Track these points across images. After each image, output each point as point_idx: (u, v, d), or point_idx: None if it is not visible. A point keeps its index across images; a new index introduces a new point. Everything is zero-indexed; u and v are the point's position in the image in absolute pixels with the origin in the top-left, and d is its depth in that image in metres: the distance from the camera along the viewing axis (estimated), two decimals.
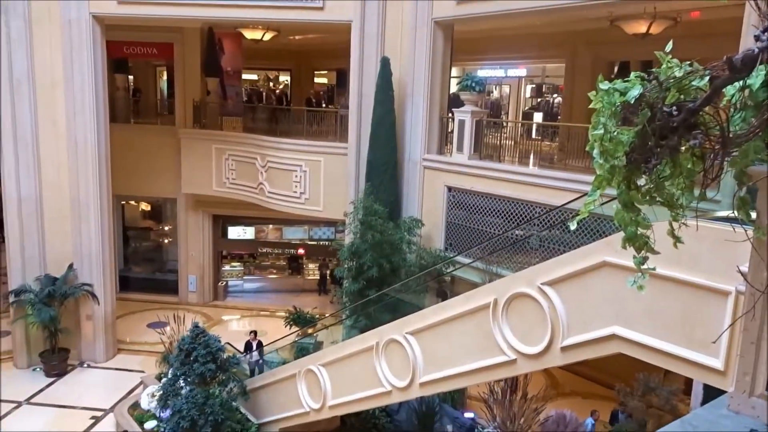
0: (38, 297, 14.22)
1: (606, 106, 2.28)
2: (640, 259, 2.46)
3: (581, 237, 10.07)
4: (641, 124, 2.22)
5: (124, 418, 12.28)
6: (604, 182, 2.39)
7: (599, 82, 2.32)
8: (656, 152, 2.24)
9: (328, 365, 9.81)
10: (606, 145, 2.30)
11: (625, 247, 2.46)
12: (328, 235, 21.00)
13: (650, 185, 2.36)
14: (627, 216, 2.39)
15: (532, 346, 6.57)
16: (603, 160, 2.34)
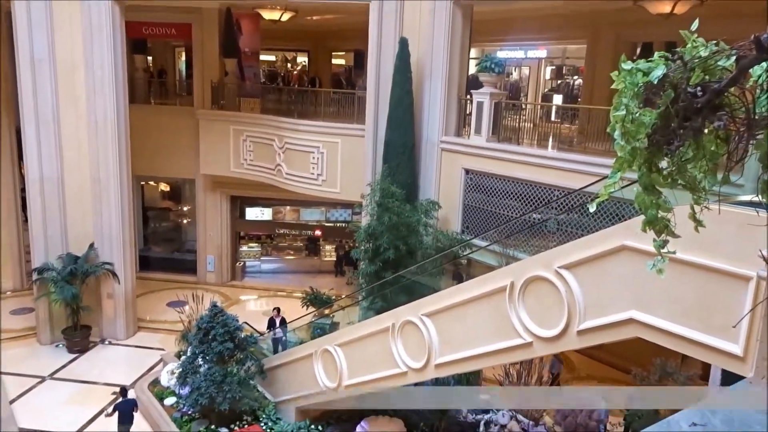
0: (60, 275, 14.48)
1: (628, 87, 2.24)
2: (660, 242, 2.44)
3: (599, 221, 9.99)
4: (664, 105, 2.18)
5: (144, 394, 12.53)
6: (625, 164, 2.36)
7: (622, 62, 2.28)
8: (679, 134, 2.20)
9: (344, 345, 9.90)
10: (628, 126, 2.26)
11: (645, 230, 2.44)
12: (345, 216, 21.05)
13: (672, 168, 2.32)
14: (648, 199, 2.36)
15: (549, 329, 6.56)
16: (624, 142, 2.30)
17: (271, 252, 22.52)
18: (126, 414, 10.91)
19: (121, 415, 10.87)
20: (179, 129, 18.87)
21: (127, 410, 10.95)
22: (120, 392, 11.43)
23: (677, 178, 2.34)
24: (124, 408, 10.96)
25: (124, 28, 14.86)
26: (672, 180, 2.34)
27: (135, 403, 11.29)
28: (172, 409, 11.80)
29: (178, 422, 11.38)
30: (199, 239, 20.42)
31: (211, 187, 19.76)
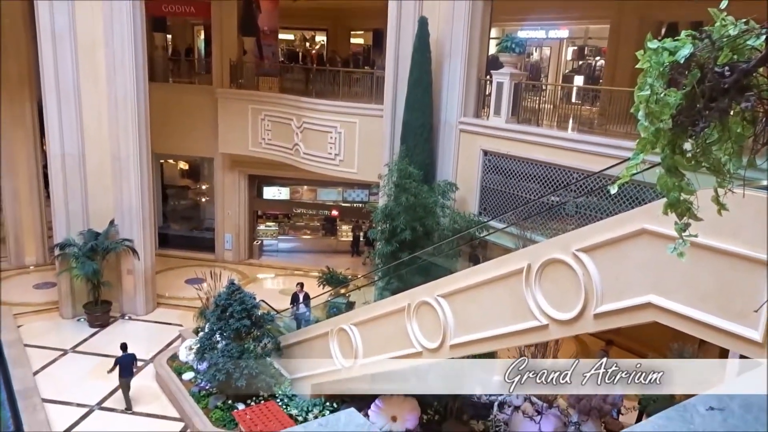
0: (81, 251, 14.72)
1: (654, 66, 2.20)
2: (681, 225, 2.41)
3: (618, 204, 9.89)
4: (690, 85, 2.14)
5: (163, 368, 12.76)
6: (648, 146, 2.32)
7: (648, 41, 2.23)
8: (705, 115, 2.16)
9: (360, 325, 9.96)
10: (652, 106, 2.22)
11: (667, 213, 2.41)
12: (362, 197, 21.07)
13: (696, 150, 2.29)
14: (670, 181, 2.33)
15: (565, 312, 6.54)
16: (648, 123, 2.27)
17: (288, 231, 22.66)
18: (126, 367, 11.64)
19: (121, 369, 11.61)
20: (198, 107, 18.95)
21: (126, 363, 11.65)
22: (121, 347, 12.02)
23: (701, 160, 2.30)
24: (124, 361, 11.65)
25: (144, 5, 14.87)
26: (696, 162, 2.31)
27: (134, 357, 11.91)
28: (190, 384, 12.01)
29: (195, 397, 11.59)
30: (217, 217, 20.60)
31: (229, 166, 19.87)
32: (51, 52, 14.26)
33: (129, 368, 11.75)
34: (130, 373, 11.77)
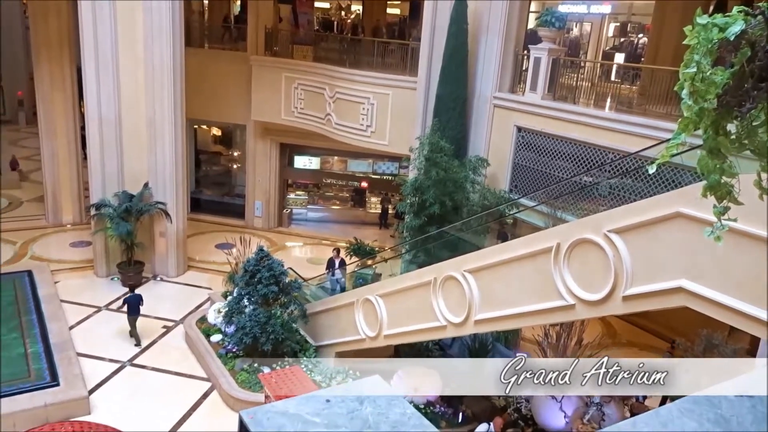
0: (116, 212, 15.05)
1: (702, 43, 2.13)
2: (720, 209, 2.35)
3: (653, 187, 9.69)
4: (739, 63, 2.07)
5: (192, 330, 13.09)
6: (691, 126, 2.26)
7: (697, 16, 2.15)
8: (753, 95, 2.09)
9: (385, 296, 10.05)
10: (697, 85, 2.16)
11: (706, 195, 2.35)
12: (392, 169, 21.02)
13: (741, 132, 2.21)
14: (712, 163, 2.27)
15: (593, 293, 6.49)
16: (692, 102, 2.20)
17: (318, 201, 22.79)
18: (133, 306, 12.71)
19: (129, 307, 12.69)
20: (232, 74, 19.02)
21: (134, 302, 12.72)
22: (129, 287, 13.44)
23: (745, 142, 2.23)
24: (132, 300, 12.73)
25: None
26: (740, 144, 2.24)
27: (140, 297, 12.95)
28: (217, 346, 12.31)
29: (223, 358, 11.88)
30: (248, 185, 20.81)
31: (261, 134, 19.98)
32: (90, 17, 14.41)
33: (136, 307, 12.73)
34: (137, 312, 12.76)
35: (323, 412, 1.94)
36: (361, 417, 1.94)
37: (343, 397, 2.03)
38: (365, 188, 22.38)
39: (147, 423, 10.13)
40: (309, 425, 1.87)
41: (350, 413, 1.95)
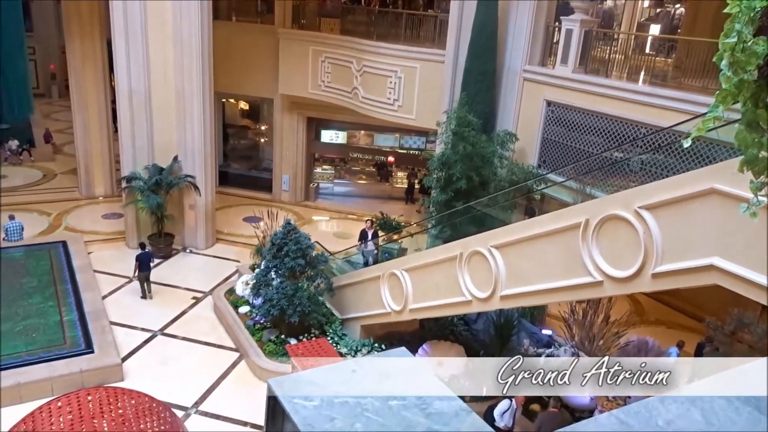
0: (147, 184, 15.30)
1: (743, 11, 2.05)
2: (757, 184, 2.29)
3: (686, 162, 9.49)
4: None
5: (221, 301, 13.33)
6: (729, 98, 2.19)
7: None
8: None
9: (411, 271, 10.07)
10: (737, 55, 2.08)
11: (743, 170, 2.29)
12: (419, 144, 20.92)
13: None
14: (750, 137, 2.20)
15: (622, 269, 6.41)
16: (731, 73, 2.13)
17: (344, 175, 22.84)
18: (144, 263, 13.64)
19: (140, 264, 13.56)
20: (260, 47, 19.00)
21: (145, 259, 13.67)
22: (139, 245, 14.21)
23: None
24: (143, 258, 13.64)
25: None
26: None
27: (151, 254, 14.21)
28: (245, 317, 12.53)
29: (250, 329, 12.10)
30: (275, 158, 20.93)
31: (288, 108, 20.00)
32: None
33: (147, 264, 13.70)
34: (147, 268, 13.73)
35: (350, 382, 1.96)
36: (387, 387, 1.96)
37: (369, 368, 2.05)
38: (391, 163, 22.34)
39: (177, 390, 10.41)
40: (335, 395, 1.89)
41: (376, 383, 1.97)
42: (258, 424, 9.65)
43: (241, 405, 10.21)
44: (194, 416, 9.99)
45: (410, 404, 1.92)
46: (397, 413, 1.87)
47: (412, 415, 1.87)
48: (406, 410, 1.89)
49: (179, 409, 9.87)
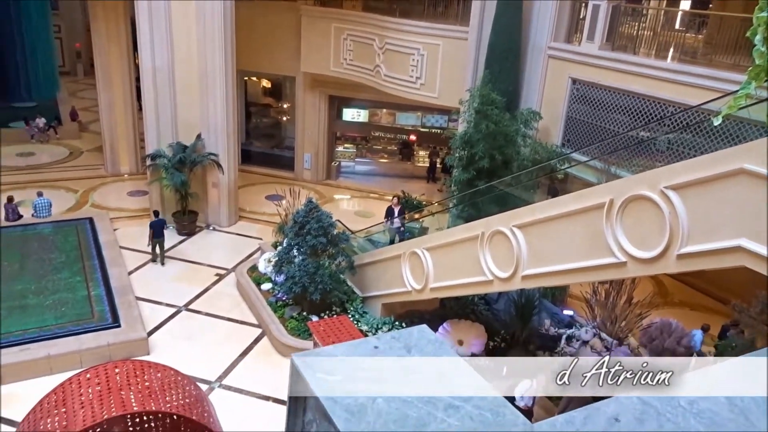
0: (171, 162, 15.46)
1: None
2: None
3: (715, 142, 9.29)
4: None
5: (243, 278, 13.50)
6: (762, 74, 2.13)
7: None
8: None
9: (432, 250, 10.07)
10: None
11: None
12: (441, 122, 20.76)
13: None
14: None
15: (646, 250, 6.33)
16: (765, 48, 2.07)
17: (366, 154, 22.81)
18: (158, 229, 14.39)
19: (154, 231, 14.32)
20: (282, 25, 18.93)
21: (158, 226, 14.42)
22: (153, 213, 15.11)
23: None
24: (157, 225, 14.42)
25: None
26: None
27: (164, 221, 15.00)
28: (268, 294, 12.68)
29: (272, 306, 12.25)
30: (297, 137, 20.96)
31: (310, 86, 19.96)
32: None
33: (160, 231, 14.45)
34: (161, 235, 14.46)
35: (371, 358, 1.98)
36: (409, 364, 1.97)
37: (391, 344, 2.07)
38: (413, 141, 22.23)
39: (201, 365, 10.62)
40: (357, 370, 1.92)
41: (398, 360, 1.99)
42: (280, 399, 9.82)
43: (264, 380, 10.39)
44: (218, 390, 10.20)
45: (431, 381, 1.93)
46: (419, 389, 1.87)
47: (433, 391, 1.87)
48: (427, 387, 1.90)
49: (203, 383, 10.07)
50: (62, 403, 4.85)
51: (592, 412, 1.81)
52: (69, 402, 4.83)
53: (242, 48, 16.51)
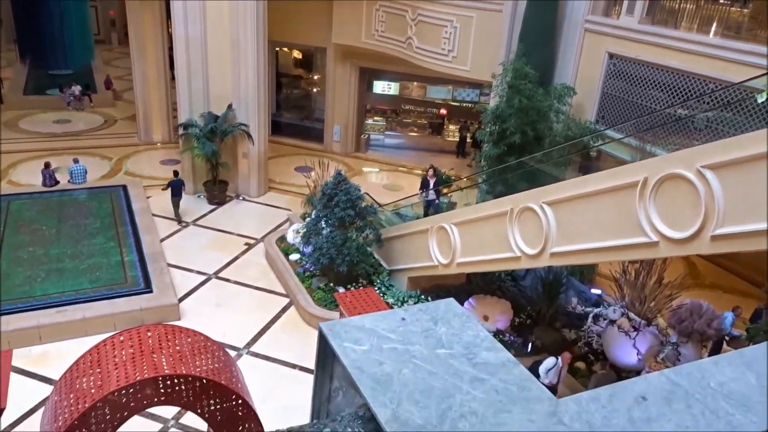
0: (202, 132, 15.61)
1: None
2: None
3: (756, 121, 8.99)
4: None
5: (272, 248, 13.67)
6: None
7: None
8: None
9: (460, 225, 10.04)
10: None
11: None
12: (472, 97, 20.50)
13: None
14: None
15: (679, 230, 6.21)
16: None
17: (395, 127, 22.68)
18: (176, 188, 14.91)
19: (172, 190, 14.83)
20: None
21: (176, 186, 14.92)
22: (173, 173, 15.38)
23: None
24: (175, 184, 14.91)
25: None
26: None
27: (183, 181, 15.36)
28: (295, 264, 12.83)
29: (300, 276, 12.40)
30: (327, 109, 20.93)
31: (341, 57, 19.84)
32: None
33: (178, 190, 14.96)
34: (179, 194, 15.01)
35: (398, 329, 1.99)
36: (435, 336, 1.98)
37: (417, 317, 2.07)
38: (444, 115, 22.02)
39: (230, 331, 10.85)
40: (384, 340, 1.93)
41: (424, 332, 2.00)
42: (306, 367, 10.01)
43: (291, 348, 10.58)
44: (245, 356, 10.42)
45: (457, 353, 1.94)
46: (444, 361, 1.89)
47: (459, 363, 1.89)
48: (453, 359, 1.91)
49: (231, 350, 10.32)
50: (97, 363, 5.01)
51: (619, 390, 1.80)
52: (104, 363, 4.99)
53: (274, 18, 16.45)
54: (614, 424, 1.66)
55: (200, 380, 4.98)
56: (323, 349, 2.03)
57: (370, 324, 2.01)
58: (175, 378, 4.92)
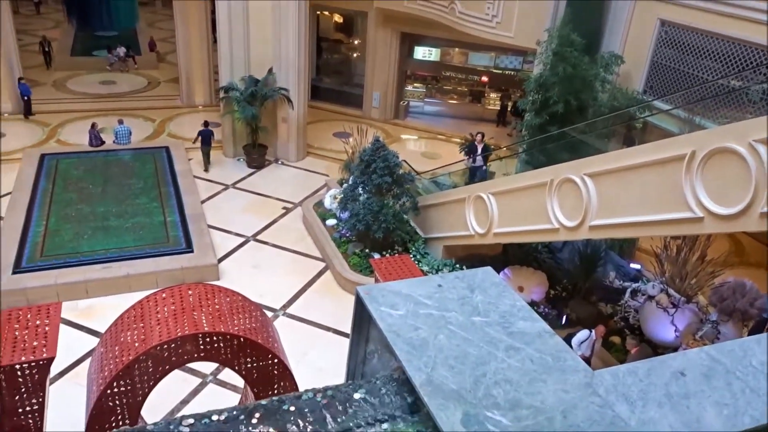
0: (243, 95, 15.72)
1: None
2: None
3: None
4: None
5: (309, 212, 13.81)
6: None
7: None
8: None
9: (498, 195, 9.94)
10: None
11: None
12: (515, 64, 20.04)
13: None
14: None
15: (726, 206, 6.02)
16: None
17: (435, 94, 22.38)
18: (206, 138, 15.82)
19: (203, 139, 15.76)
20: None
21: (206, 136, 15.82)
22: (203, 123, 16.11)
23: None
24: (205, 134, 15.82)
25: None
26: None
27: (212, 132, 16.10)
28: (332, 230, 12.95)
29: (336, 242, 12.52)
30: (366, 74, 20.76)
31: (382, 22, 19.57)
32: None
33: (208, 139, 15.84)
34: (208, 144, 15.87)
35: (435, 296, 2.00)
36: (471, 304, 1.98)
37: (454, 284, 2.08)
38: (485, 83, 21.60)
39: (267, 293, 11.08)
40: (420, 306, 1.94)
41: (461, 299, 2.00)
42: (340, 330, 10.17)
43: (326, 311, 10.76)
44: (282, 318, 10.65)
45: (493, 322, 1.95)
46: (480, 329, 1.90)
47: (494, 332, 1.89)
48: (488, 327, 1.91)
49: (268, 310, 10.55)
50: (140, 318, 5.20)
51: (657, 364, 1.78)
52: (147, 318, 5.17)
53: None
54: (651, 398, 1.64)
55: (238, 338, 5.12)
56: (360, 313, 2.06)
57: (407, 289, 2.02)
58: (214, 335, 5.06)
